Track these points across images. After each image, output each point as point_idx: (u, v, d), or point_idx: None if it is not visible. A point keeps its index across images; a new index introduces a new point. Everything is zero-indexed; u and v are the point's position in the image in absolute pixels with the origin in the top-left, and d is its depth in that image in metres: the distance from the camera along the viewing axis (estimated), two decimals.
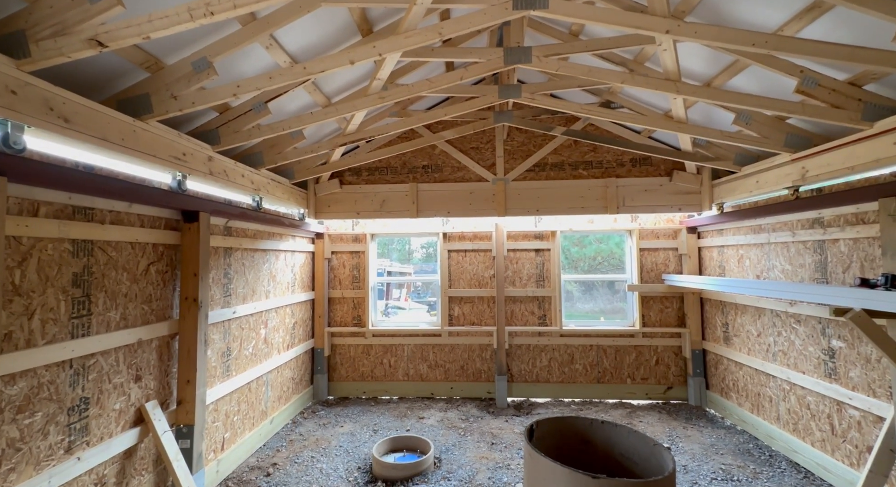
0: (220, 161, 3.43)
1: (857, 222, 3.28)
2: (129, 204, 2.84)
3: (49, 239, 2.32)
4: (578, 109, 3.91)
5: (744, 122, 3.57)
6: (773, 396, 4.20)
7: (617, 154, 5.22)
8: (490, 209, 5.25)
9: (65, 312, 2.40)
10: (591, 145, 5.23)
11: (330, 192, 5.38)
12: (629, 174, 5.17)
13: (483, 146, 5.39)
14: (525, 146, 5.35)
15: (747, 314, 4.59)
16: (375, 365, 5.95)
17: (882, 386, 3.07)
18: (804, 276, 3.78)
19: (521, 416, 5.19)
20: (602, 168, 5.21)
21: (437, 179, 5.36)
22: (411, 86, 3.58)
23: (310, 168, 4.84)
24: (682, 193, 5.06)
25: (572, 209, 5.14)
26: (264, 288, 4.59)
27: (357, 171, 5.46)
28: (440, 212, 5.28)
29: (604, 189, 5.14)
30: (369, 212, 5.35)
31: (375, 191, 5.37)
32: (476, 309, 5.90)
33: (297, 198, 5.02)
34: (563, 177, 5.24)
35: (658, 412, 5.20)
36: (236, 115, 3.30)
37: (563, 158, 5.28)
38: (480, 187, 5.28)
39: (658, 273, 5.68)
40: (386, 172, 5.42)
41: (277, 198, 4.48)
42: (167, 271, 3.21)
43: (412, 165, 5.41)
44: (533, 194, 5.20)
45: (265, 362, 4.52)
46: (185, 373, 3.24)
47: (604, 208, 5.11)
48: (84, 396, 2.49)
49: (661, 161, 5.17)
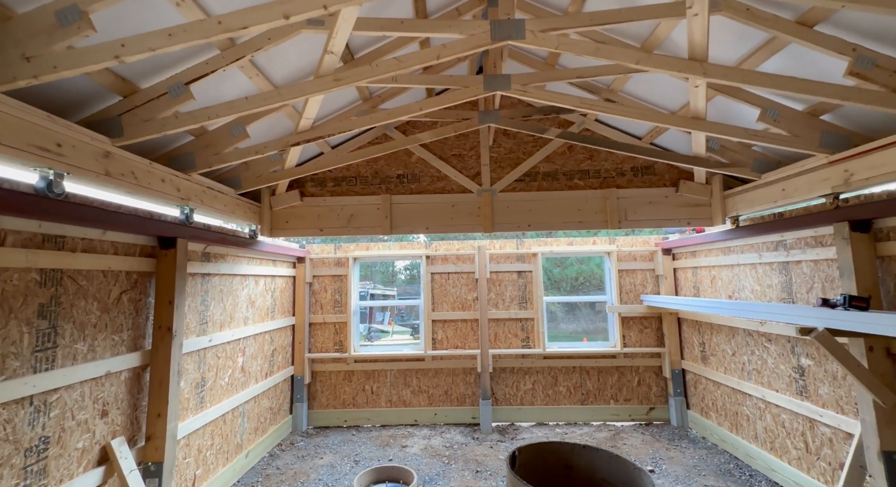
0: (124, 159, 2.60)
1: (816, 245, 3.47)
2: (103, 231, 2.78)
3: (15, 269, 2.25)
4: (578, 103, 3.34)
5: (771, 118, 3.04)
6: (749, 415, 4.28)
7: (616, 162, 4.62)
8: (475, 224, 4.53)
9: (28, 345, 2.29)
10: (588, 153, 4.66)
11: (288, 205, 4.57)
12: (630, 185, 4.55)
13: (466, 153, 4.73)
14: (514, 154, 4.71)
15: (722, 334, 4.72)
16: (357, 392, 5.81)
17: (849, 403, 3.19)
18: (772, 296, 3.94)
19: (506, 441, 5.11)
20: (600, 178, 4.59)
21: (414, 190, 4.65)
22: (376, 65, 2.82)
23: (261, 176, 4.05)
24: (689, 205, 4.45)
25: (568, 224, 4.48)
26: (242, 314, 4.48)
27: (321, 181, 4.70)
28: (417, 228, 4.55)
29: (603, 201, 4.49)
30: (334, 228, 4.56)
31: (342, 204, 4.59)
32: (460, 332, 5.87)
33: (245, 211, 4.21)
34: (557, 188, 4.59)
35: (641, 434, 5.21)
36: (146, 99, 2.59)
37: (556, 166, 4.64)
38: (464, 200, 4.58)
39: (637, 294, 5.81)
40: (354, 182, 4.68)
41: (217, 210, 3.67)
42: (140, 300, 3.12)
43: (385, 174, 4.69)
44: (523, 206, 4.53)
45: (242, 392, 4.37)
46: (155, 406, 3.10)
47: (603, 222, 4.44)
48: (44, 435, 2.36)
49: (665, 170, 4.57)
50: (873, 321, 2.45)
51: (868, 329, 2.46)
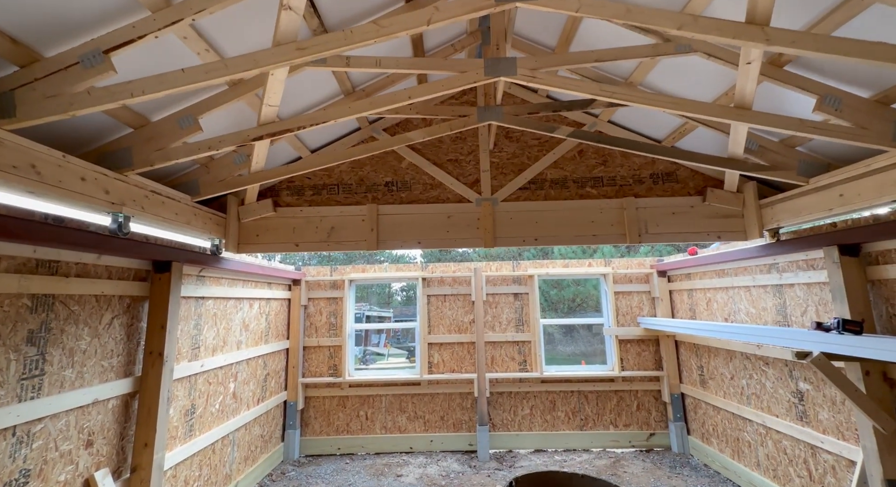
0: (18, 148, 1.97)
1: (808, 268, 3.51)
2: (97, 256, 2.77)
3: (6, 295, 2.23)
4: (596, 90, 2.81)
5: (832, 108, 2.55)
6: (751, 441, 4.20)
7: (633, 168, 4.09)
8: (474, 238, 3.96)
9: (14, 372, 2.25)
10: (601, 157, 4.13)
11: (260, 216, 3.94)
12: (650, 193, 4.02)
13: (464, 158, 4.19)
14: (517, 158, 4.17)
15: (720, 357, 4.69)
16: (351, 418, 5.67)
17: (849, 429, 3.15)
18: (767, 319, 3.95)
19: (504, 469, 4.97)
20: (616, 185, 4.05)
21: (405, 199, 4.08)
22: (350, 31, 2.29)
23: (224, 181, 3.46)
24: (719, 216, 3.86)
25: (581, 238, 3.92)
26: (236, 338, 4.42)
27: (298, 189, 4.11)
28: (408, 242, 3.97)
29: (620, 212, 3.92)
30: (312, 243, 3.95)
31: (321, 215, 3.99)
32: (456, 355, 5.80)
33: (204, 223, 3.55)
34: (567, 196, 4.04)
35: (642, 461, 5.09)
36: (51, 70, 2.06)
37: (565, 172, 4.10)
38: (461, 210, 4.01)
39: (633, 316, 5.79)
40: (336, 190, 4.11)
41: (166, 220, 3.00)
42: (132, 324, 3.09)
43: (371, 181, 4.12)
44: (529, 218, 3.96)
45: (233, 419, 4.26)
46: (143, 435, 3.01)
47: (621, 236, 3.88)
48: (25, 468, 2.28)
49: (689, 177, 4.03)
50: (867, 345, 2.45)
51: (863, 354, 2.47)
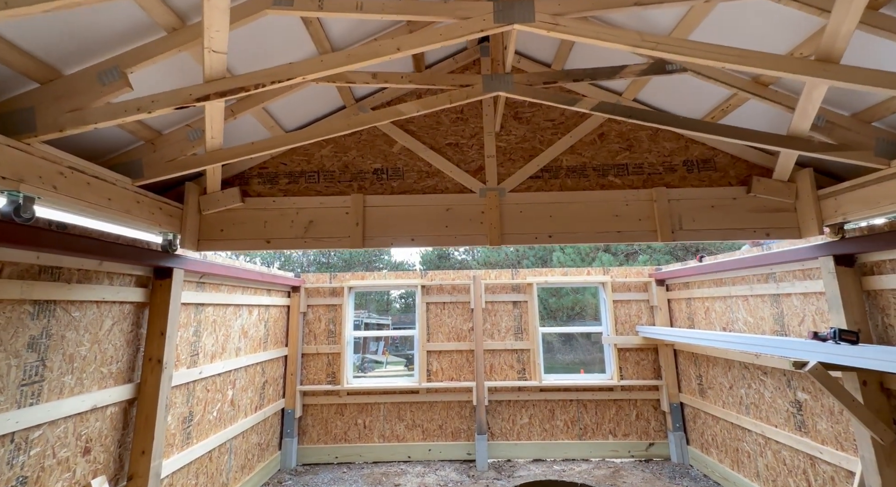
0: None
1: (805, 278, 3.54)
2: (99, 262, 2.79)
3: (8, 301, 2.24)
4: (637, 40, 2.26)
5: None
6: (750, 451, 4.19)
7: (663, 154, 3.57)
8: (477, 234, 3.45)
9: (14, 379, 2.25)
10: (625, 141, 3.62)
11: (225, 207, 3.42)
12: (684, 183, 3.51)
13: (465, 142, 3.68)
14: (527, 142, 3.66)
15: (718, 366, 4.70)
16: (349, 426, 5.63)
17: (848, 439, 3.15)
18: (765, 328, 3.96)
19: (503, 479, 4.93)
20: (643, 174, 3.55)
21: (397, 189, 3.58)
22: None
23: (175, 161, 2.90)
24: (767, 210, 3.32)
25: (603, 235, 3.42)
26: (235, 345, 4.41)
27: (271, 177, 3.60)
28: (400, 238, 3.45)
29: (649, 205, 3.42)
30: (286, 239, 3.44)
31: (298, 207, 3.49)
32: (455, 363, 5.79)
33: (151, 213, 2.94)
34: (587, 186, 3.55)
35: (642, 471, 5.06)
36: None
37: (584, 159, 3.61)
38: (462, 202, 3.50)
39: (632, 325, 5.80)
40: (316, 178, 3.60)
41: (93, 206, 2.40)
42: (132, 331, 3.09)
43: (358, 168, 3.62)
44: (542, 211, 3.46)
45: (230, 426, 4.23)
46: (140, 443, 3.00)
47: (651, 232, 3.38)
48: (22, 475, 2.27)
49: (729, 164, 3.51)
50: (864, 354, 2.47)
51: (860, 364, 2.49)
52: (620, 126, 3.59)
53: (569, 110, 3.63)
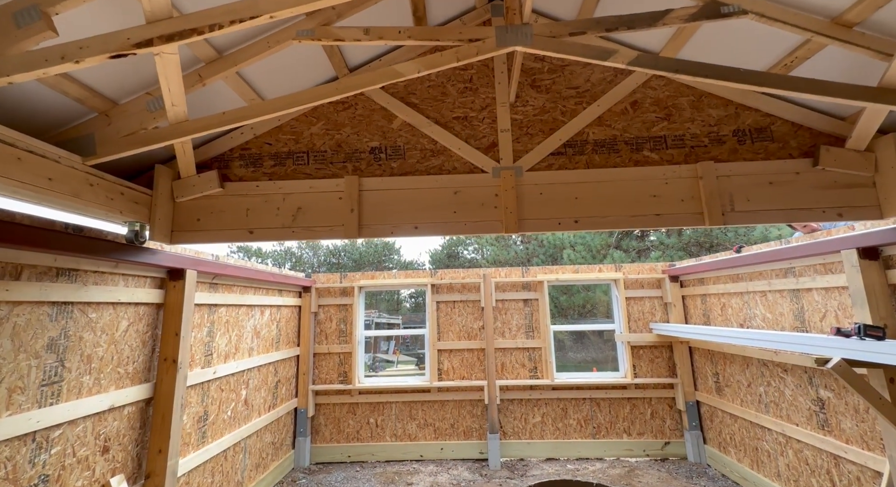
0: None
1: (826, 272, 3.44)
2: (115, 264, 2.83)
3: (28, 303, 2.28)
4: None
5: None
6: (770, 450, 4.09)
7: (709, 123, 3.06)
8: (490, 221, 2.99)
9: (35, 379, 2.29)
10: (663, 110, 3.13)
11: (202, 193, 3.03)
12: (734, 156, 2.98)
13: (475, 115, 3.24)
14: (548, 114, 3.20)
15: (735, 364, 4.59)
16: (361, 426, 5.65)
17: (874, 438, 3.05)
18: (784, 324, 3.86)
19: (516, 479, 4.90)
20: (685, 147, 3.04)
21: (397, 170, 3.16)
22: None
23: (134, 135, 2.50)
24: (839, 186, 2.79)
25: (639, 219, 2.92)
26: (248, 345, 4.45)
27: (254, 158, 3.21)
28: (401, 226, 3.04)
29: (693, 182, 2.91)
30: (272, 228, 3.04)
31: (285, 192, 3.10)
32: (466, 362, 5.76)
33: (110, 198, 2.54)
34: (618, 163, 3.06)
35: (657, 470, 4.98)
36: None
37: (614, 131, 3.12)
38: (473, 184, 3.07)
39: (645, 322, 5.71)
40: (305, 159, 3.21)
41: (27, 186, 2.02)
42: (147, 332, 3.13)
43: (352, 147, 3.21)
44: (565, 193, 3.00)
45: (244, 426, 4.28)
46: (157, 442, 3.04)
47: (697, 215, 2.87)
48: (44, 473, 2.31)
49: (789, 132, 2.97)
50: (891, 350, 2.39)
51: (886, 360, 2.40)
52: (657, 92, 3.09)
53: (595, 76, 3.18)
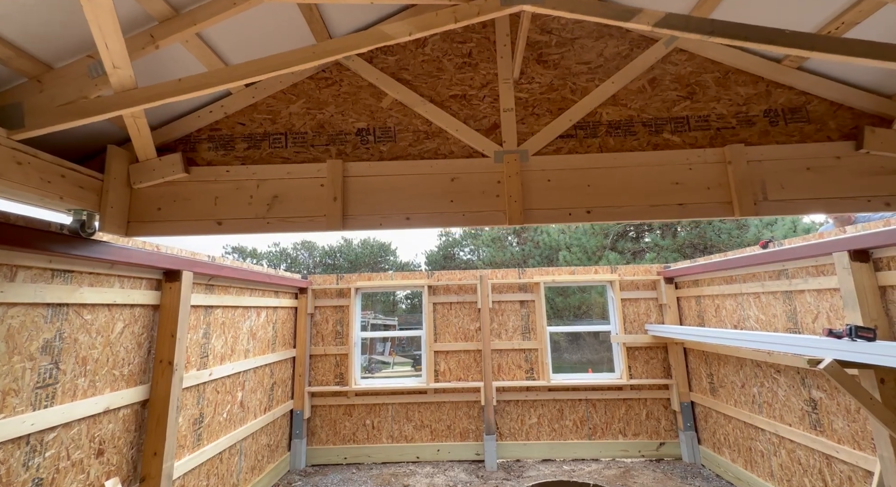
0: None
1: (818, 274, 3.49)
2: (110, 265, 2.81)
3: (23, 304, 2.27)
4: None
5: None
6: (764, 450, 4.13)
7: (737, 102, 2.80)
8: (492, 211, 2.72)
9: (29, 381, 2.27)
10: (686, 87, 2.85)
11: (164, 179, 2.70)
12: (766, 139, 2.73)
13: (475, 93, 2.95)
14: (556, 92, 2.92)
15: (729, 365, 4.64)
16: (358, 427, 5.64)
17: (865, 438, 3.09)
18: (777, 325, 3.91)
19: (512, 480, 4.91)
20: (710, 129, 2.79)
21: (387, 154, 2.86)
22: None
23: (73, 105, 2.15)
24: (885, 172, 2.57)
25: (660, 209, 2.65)
26: (244, 347, 4.43)
27: (225, 140, 2.88)
28: (391, 217, 2.73)
29: (720, 168, 2.66)
30: (244, 219, 2.73)
31: (260, 177, 2.78)
32: (462, 363, 5.77)
33: (45, 180, 2.17)
34: (635, 147, 2.80)
35: (653, 471, 5.01)
36: None
37: (630, 111, 2.86)
38: (472, 169, 2.79)
39: (641, 323, 5.75)
40: (283, 141, 2.89)
41: None
42: (143, 333, 3.11)
43: (336, 128, 2.91)
44: (576, 179, 2.72)
45: (240, 428, 4.25)
46: (152, 444, 3.02)
47: (726, 204, 2.62)
48: (38, 477, 2.29)
49: (827, 112, 2.72)
50: (882, 351, 2.43)
51: (877, 361, 2.44)
52: (678, 68, 2.83)
53: (608, 50, 2.91)
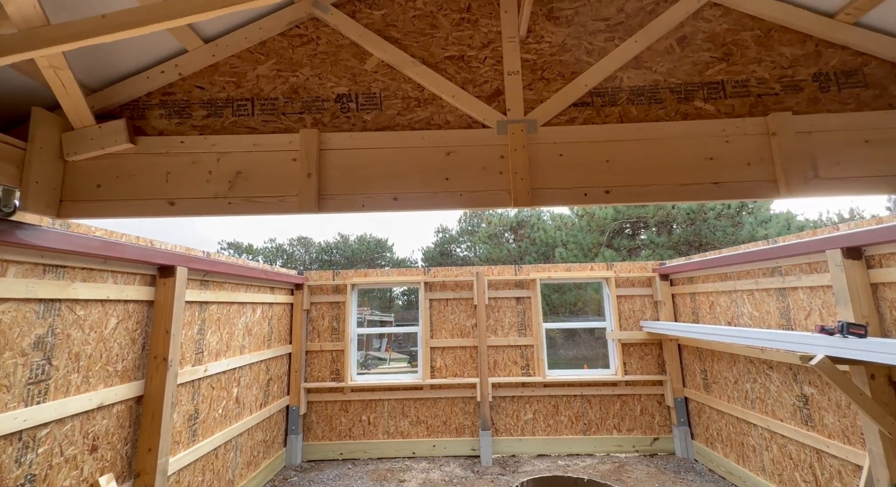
0: None
1: (811, 271, 3.52)
2: (104, 261, 2.79)
3: (14, 300, 2.24)
4: None
5: None
6: (756, 445, 4.18)
7: (781, 65, 2.41)
8: (494, 191, 2.35)
9: (21, 377, 2.26)
10: (721, 47, 2.45)
11: (105, 150, 2.27)
12: (815, 107, 2.35)
13: (474, 55, 2.53)
14: (568, 53, 2.51)
15: (723, 361, 4.68)
16: (354, 423, 5.65)
17: (855, 433, 3.13)
18: (771, 322, 3.94)
19: (507, 475, 4.94)
20: (750, 96, 2.39)
21: (371, 124, 2.45)
22: None
23: None
24: None
25: (692, 189, 2.29)
26: (239, 343, 4.42)
27: (180, 106, 2.45)
28: (376, 197, 2.34)
29: (764, 140, 2.30)
30: (201, 199, 2.31)
31: (220, 150, 2.36)
32: (458, 360, 5.79)
33: None
34: (661, 116, 2.40)
35: (646, 466, 5.06)
36: None
37: (655, 75, 2.45)
38: (471, 141, 2.40)
39: (636, 320, 5.78)
40: (249, 108, 2.46)
41: None
42: (137, 329, 3.09)
43: (313, 94, 2.48)
44: (593, 154, 2.35)
45: (235, 424, 4.25)
46: (147, 440, 3.01)
47: (770, 182, 2.25)
48: (31, 473, 2.28)
49: (888, 76, 2.34)
50: (872, 348, 2.46)
51: (867, 357, 2.47)
52: (711, 25, 2.43)
53: (630, 5, 2.50)
